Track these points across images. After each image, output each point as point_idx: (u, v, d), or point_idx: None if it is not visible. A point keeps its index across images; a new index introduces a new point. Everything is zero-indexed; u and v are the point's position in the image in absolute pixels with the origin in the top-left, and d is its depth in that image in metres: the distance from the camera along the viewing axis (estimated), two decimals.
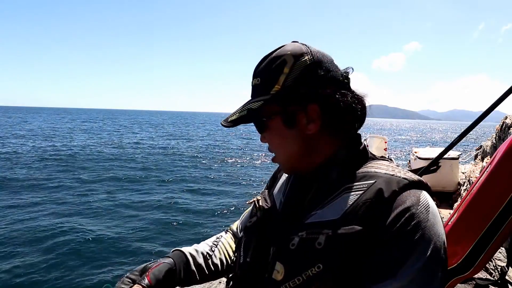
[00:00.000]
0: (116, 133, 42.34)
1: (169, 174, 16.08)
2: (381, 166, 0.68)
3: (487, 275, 2.25)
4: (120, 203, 10.97)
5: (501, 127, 6.98)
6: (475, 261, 1.20)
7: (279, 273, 0.63)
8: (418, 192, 0.62)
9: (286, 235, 0.66)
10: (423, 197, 0.61)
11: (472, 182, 4.96)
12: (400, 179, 0.63)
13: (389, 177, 0.64)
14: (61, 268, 6.53)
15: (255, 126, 0.75)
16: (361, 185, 0.64)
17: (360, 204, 0.61)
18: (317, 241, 0.60)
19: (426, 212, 0.59)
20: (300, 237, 0.63)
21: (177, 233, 8.62)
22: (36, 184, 12.93)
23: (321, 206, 0.65)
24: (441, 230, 0.60)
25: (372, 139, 11.02)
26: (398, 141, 46.74)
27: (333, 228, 0.60)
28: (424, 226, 0.58)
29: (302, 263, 0.61)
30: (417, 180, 0.65)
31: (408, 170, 0.75)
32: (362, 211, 0.60)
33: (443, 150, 1.53)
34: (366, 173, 0.66)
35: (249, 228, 0.79)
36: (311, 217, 0.65)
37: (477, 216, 1.21)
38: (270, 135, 0.73)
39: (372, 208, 0.60)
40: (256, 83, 0.72)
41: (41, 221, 8.88)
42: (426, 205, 0.60)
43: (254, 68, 0.74)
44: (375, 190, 0.61)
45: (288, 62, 0.68)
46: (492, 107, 1.37)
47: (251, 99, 0.72)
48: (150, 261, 0.85)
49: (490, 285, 1.39)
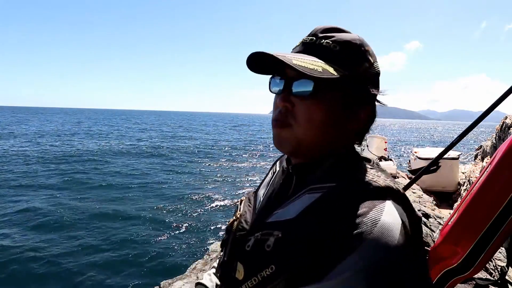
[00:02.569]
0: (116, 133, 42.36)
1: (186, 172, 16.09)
2: (357, 170, 0.65)
3: (487, 275, 2.25)
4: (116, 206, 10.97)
5: (501, 127, 6.99)
6: (475, 261, 1.20)
7: (240, 273, 0.64)
8: (376, 203, 0.56)
9: (245, 236, 0.67)
10: (376, 209, 0.55)
11: (472, 182, 4.97)
12: (363, 183, 0.60)
13: (352, 180, 0.61)
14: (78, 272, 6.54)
15: (293, 84, 0.64)
16: (322, 187, 0.62)
17: (315, 206, 0.60)
18: (267, 243, 0.60)
19: (372, 225, 0.53)
20: (255, 238, 0.63)
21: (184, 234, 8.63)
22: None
23: (284, 205, 0.66)
24: (390, 246, 0.52)
25: (372, 139, 11.03)
26: (398, 141, 46.74)
27: (284, 230, 0.60)
28: (366, 239, 0.52)
29: (256, 264, 0.61)
30: (385, 186, 0.60)
31: (408, 170, 0.73)
32: (315, 213, 0.59)
33: (443, 150, 1.53)
34: (336, 175, 0.64)
35: (227, 228, 0.79)
36: (272, 216, 0.66)
37: (477, 216, 1.21)
38: (312, 105, 0.64)
39: (323, 212, 0.58)
40: (331, 47, 0.65)
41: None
42: (373, 220, 0.54)
43: (321, 28, 0.67)
44: (333, 194, 0.60)
45: (371, 56, 0.68)
46: (492, 107, 1.37)
47: (325, 61, 0.63)
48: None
49: (490, 285, 1.39)
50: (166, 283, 3.29)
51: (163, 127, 63.39)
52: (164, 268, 6.70)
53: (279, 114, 0.66)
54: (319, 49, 0.65)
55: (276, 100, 0.69)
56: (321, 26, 0.68)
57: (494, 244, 1.18)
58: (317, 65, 0.62)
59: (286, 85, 0.66)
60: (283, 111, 0.66)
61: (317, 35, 0.67)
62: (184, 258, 7.14)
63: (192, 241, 8.12)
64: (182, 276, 3.48)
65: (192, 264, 3.85)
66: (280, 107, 0.66)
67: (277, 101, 0.67)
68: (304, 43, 0.68)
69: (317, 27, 0.68)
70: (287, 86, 0.66)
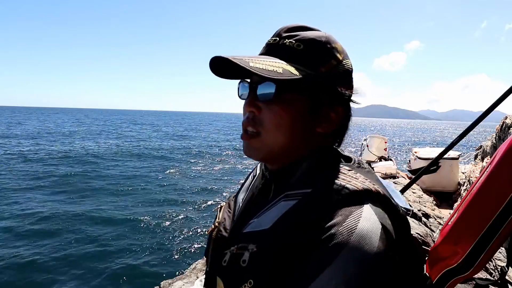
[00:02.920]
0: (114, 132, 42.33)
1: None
2: (332, 173, 0.60)
3: (487, 275, 2.25)
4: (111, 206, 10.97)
5: (501, 127, 6.99)
6: (475, 261, 1.20)
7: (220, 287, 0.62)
8: (353, 209, 0.54)
9: (223, 249, 0.63)
10: (353, 216, 0.53)
11: (472, 182, 4.96)
12: (339, 188, 0.56)
13: (328, 186, 0.57)
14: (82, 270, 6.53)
15: (257, 88, 0.62)
16: (297, 193, 0.59)
17: (290, 215, 0.56)
18: (242, 258, 0.57)
19: (348, 234, 0.51)
20: (231, 253, 0.60)
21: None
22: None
23: (260, 213, 0.62)
24: (367, 253, 0.50)
25: (372, 139, 11.03)
26: (398, 141, 46.75)
27: (259, 242, 0.57)
28: (340, 249, 0.50)
29: (234, 280, 0.58)
30: (362, 189, 0.56)
31: (408, 170, 0.73)
32: (290, 222, 0.56)
33: (443, 150, 1.53)
34: (310, 180, 0.60)
35: (208, 236, 0.76)
36: (248, 226, 0.62)
37: (477, 216, 1.21)
38: (277, 109, 0.61)
39: (298, 221, 0.55)
40: (295, 46, 0.62)
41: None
42: (350, 229, 0.51)
43: (285, 28, 0.64)
44: (308, 201, 0.56)
45: (340, 52, 0.64)
46: (492, 107, 1.37)
47: (287, 62, 0.61)
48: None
49: (490, 285, 1.39)
50: (166, 283, 3.29)
51: (163, 127, 63.39)
52: (164, 268, 6.71)
53: (246, 121, 0.64)
54: (282, 50, 0.62)
55: (243, 107, 0.66)
56: (286, 26, 0.65)
57: (494, 244, 1.18)
58: (277, 66, 0.59)
59: (251, 89, 0.64)
60: (250, 117, 0.63)
61: (281, 35, 0.64)
62: (184, 258, 7.15)
63: (192, 241, 8.12)
64: (182, 276, 3.48)
65: (192, 264, 3.85)
66: (247, 112, 0.64)
67: (244, 107, 0.65)
68: (268, 44, 0.65)
69: (282, 27, 0.65)
70: (252, 90, 0.63)
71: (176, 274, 3.88)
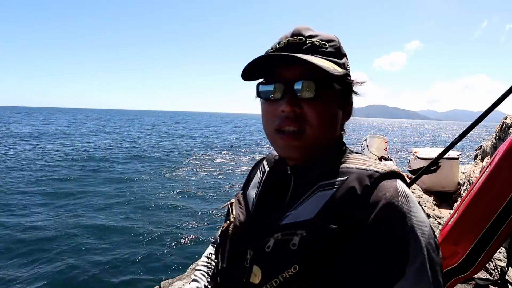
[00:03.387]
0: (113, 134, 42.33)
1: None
2: (353, 160, 0.66)
3: (487, 275, 2.25)
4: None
5: (501, 127, 6.99)
6: (475, 261, 1.20)
7: (257, 276, 0.62)
8: (394, 182, 0.60)
9: (262, 237, 0.64)
10: (400, 186, 0.59)
11: (472, 182, 4.96)
12: (371, 172, 0.61)
13: (360, 171, 0.61)
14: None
15: (295, 85, 0.63)
16: (334, 183, 0.62)
17: (334, 203, 0.59)
18: (292, 242, 0.58)
19: (407, 201, 0.57)
20: (276, 239, 0.61)
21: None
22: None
23: (295, 206, 0.64)
24: (424, 215, 0.59)
25: (372, 139, 11.04)
26: (398, 141, 46.73)
27: (307, 229, 0.58)
28: (410, 216, 0.56)
29: (278, 265, 0.59)
30: (389, 171, 0.62)
31: (408, 170, 0.74)
32: (337, 209, 0.58)
33: (443, 150, 1.53)
34: (339, 169, 0.64)
35: (223, 233, 0.76)
36: (286, 218, 0.63)
37: (477, 216, 1.21)
38: (319, 105, 0.63)
39: (347, 206, 0.58)
40: (323, 46, 0.65)
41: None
42: (405, 195, 0.58)
43: (301, 28, 0.67)
44: (348, 188, 0.59)
45: (345, 53, 0.70)
46: (492, 107, 1.37)
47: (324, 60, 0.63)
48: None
49: (490, 285, 1.39)
50: (166, 283, 3.29)
51: (163, 127, 63.38)
52: (164, 268, 6.70)
53: (286, 121, 0.63)
54: (311, 49, 0.64)
55: (270, 107, 0.66)
56: (300, 26, 0.68)
57: (494, 244, 1.18)
58: (329, 64, 0.63)
59: (287, 88, 0.63)
60: (291, 116, 0.63)
61: (303, 35, 0.66)
62: (184, 258, 7.14)
63: (192, 241, 8.12)
64: (182, 276, 3.48)
65: (192, 264, 3.85)
66: (286, 111, 0.63)
67: (282, 107, 0.63)
68: (292, 43, 0.65)
69: (297, 27, 0.67)
70: (289, 89, 0.63)
71: (176, 274, 3.88)
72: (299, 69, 0.63)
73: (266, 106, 0.68)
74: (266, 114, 0.68)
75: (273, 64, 0.65)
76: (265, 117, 0.68)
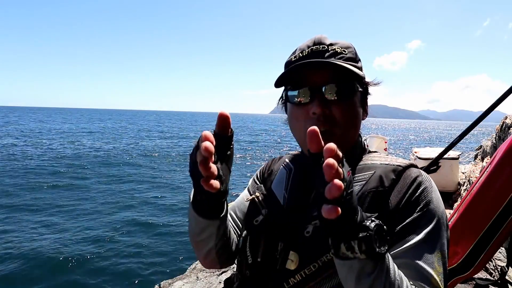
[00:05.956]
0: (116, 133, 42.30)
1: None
2: (374, 157, 0.75)
3: (487, 275, 2.25)
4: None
5: (501, 127, 6.98)
6: (475, 261, 1.20)
7: (294, 262, 0.65)
8: (415, 169, 0.71)
9: (299, 225, 0.68)
10: (420, 171, 0.70)
11: (472, 182, 4.96)
12: (395, 166, 0.70)
13: (385, 166, 0.71)
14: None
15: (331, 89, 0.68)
16: (362, 177, 0.69)
17: (366, 194, 0.66)
18: None
19: (429, 180, 0.68)
20: (314, 226, 0.66)
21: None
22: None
23: None
24: (440, 195, 0.68)
25: (372, 139, 11.00)
26: (398, 141, 46.68)
27: None
28: (432, 190, 0.66)
29: (318, 249, 0.63)
30: (409, 164, 0.71)
31: None
32: (369, 199, 0.65)
33: (443, 150, 1.53)
34: (364, 165, 0.72)
35: (257, 227, 0.76)
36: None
37: (477, 216, 1.21)
38: (347, 106, 0.70)
39: (378, 195, 0.65)
40: (343, 52, 0.71)
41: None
42: (426, 176, 0.68)
43: (321, 37, 0.73)
44: (377, 179, 0.67)
45: (360, 58, 0.77)
46: (492, 107, 1.37)
47: (347, 63, 0.70)
48: None
49: (490, 285, 1.39)
50: (166, 283, 3.29)
51: (163, 127, 63.35)
52: (164, 268, 6.70)
53: (317, 123, 0.67)
54: (335, 55, 0.70)
55: (300, 110, 0.71)
56: (320, 35, 0.74)
57: (494, 244, 1.18)
58: (353, 68, 0.69)
59: (315, 91, 0.69)
60: (321, 118, 0.68)
61: (324, 43, 0.72)
62: (184, 258, 7.14)
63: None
64: (182, 276, 3.48)
65: (192, 264, 3.84)
66: (317, 113, 0.68)
67: (313, 109, 0.68)
68: (315, 51, 0.71)
69: (317, 36, 0.73)
70: (317, 92, 0.69)
71: (176, 274, 3.88)
72: (326, 73, 0.69)
73: (296, 110, 0.73)
74: (296, 117, 0.73)
75: (301, 71, 0.70)
76: (295, 120, 0.74)
